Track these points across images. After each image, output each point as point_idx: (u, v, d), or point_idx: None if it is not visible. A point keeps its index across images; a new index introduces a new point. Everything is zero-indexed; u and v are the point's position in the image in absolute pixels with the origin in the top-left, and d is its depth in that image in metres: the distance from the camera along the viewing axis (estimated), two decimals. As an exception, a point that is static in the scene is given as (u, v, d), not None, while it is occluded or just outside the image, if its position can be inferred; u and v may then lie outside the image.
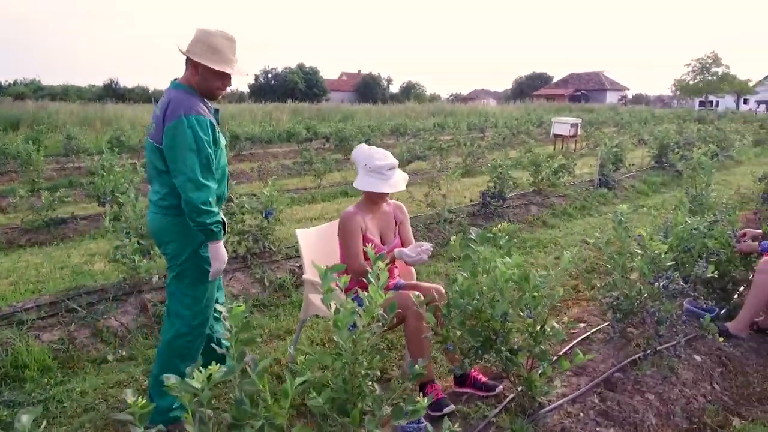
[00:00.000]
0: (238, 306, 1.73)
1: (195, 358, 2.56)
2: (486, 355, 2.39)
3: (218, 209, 2.54)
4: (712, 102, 48.19)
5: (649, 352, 3.04)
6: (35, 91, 48.81)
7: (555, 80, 64.00)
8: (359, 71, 74.72)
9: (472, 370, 2.85)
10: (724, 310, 3.83)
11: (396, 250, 2.88)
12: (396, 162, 2.94)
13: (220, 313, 1.70)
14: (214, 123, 2.56)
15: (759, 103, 51.34)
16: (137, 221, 4.13)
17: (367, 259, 2.87)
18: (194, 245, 2.58)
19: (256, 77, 61.62)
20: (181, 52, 2.53)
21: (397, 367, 3.29)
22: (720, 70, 44.40)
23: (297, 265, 4.81)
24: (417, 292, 2.67)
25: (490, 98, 72.99)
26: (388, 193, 2.96)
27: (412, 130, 17.29)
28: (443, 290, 2.92)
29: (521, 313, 2.34)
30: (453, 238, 2.75)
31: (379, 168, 2.86)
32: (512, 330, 2.34)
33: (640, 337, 3.41)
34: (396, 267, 3.19)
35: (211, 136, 2.50)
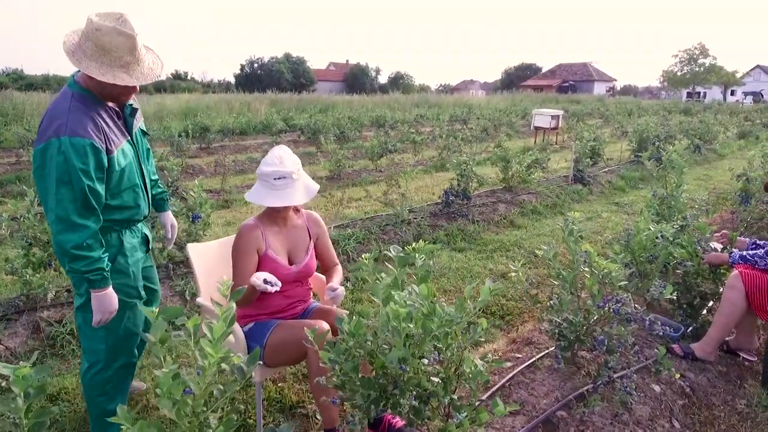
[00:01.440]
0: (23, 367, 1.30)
1: (124, 393, 2.38)
2: (384, 407, 1.96)
3: (99, 252, 2.05)
4: (699, 93, 48.03)
5: (599, 383, 2.63)
6: (15, 80, 47.75)
7: (543, 71, 63.61)
8: (347, 61, 73.99)
9: (386, 414, 2.41)
10: (690, 329, 3.43)
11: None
12: (290, 170, 2.37)
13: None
14: (101, 144, 2.02)
15: (746, 94, 51.25)
16: (34, 228, 3.64)
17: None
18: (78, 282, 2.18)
19: (242, 67, 60.83)
20: (66, 54, 1.99)
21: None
22: (707, 61, 44.25)
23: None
24: (316, 326, 2.24)
25: (479, 89, 72.65)
26: (281, 207, 2.45)
27: (389, 121, 16.77)
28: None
29: (424, 358, 1.90)
30: (364, 255, 2.32)
31: (265, 175, 2.37)
32: (413, 378, 1.90)
33: (593, 363, 3.00)
34: (310, 287, 2.75)
35: (93, 162, 1.98)
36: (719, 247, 3.45)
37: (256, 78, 56.95)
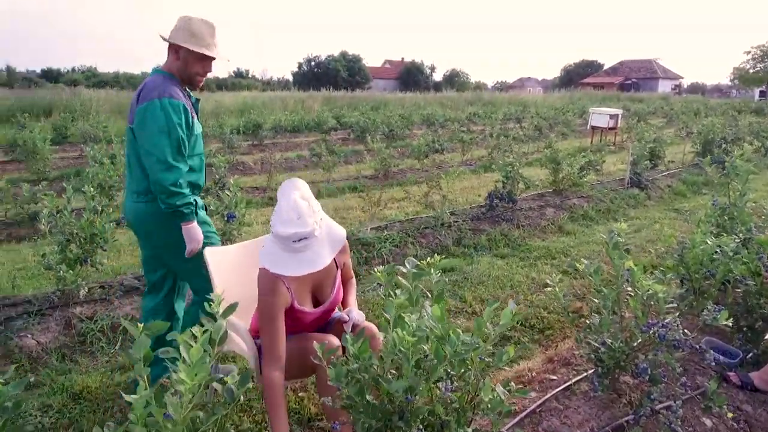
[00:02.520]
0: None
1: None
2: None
3: (189, 191, 2.52)
4: (774, 91, 44.99)
5: (641, 414, 2.38)
6: (89, 78, 50.36)
7: (605, 68, 61.36)
8: (402, 59, 73.91)
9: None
10: (750, 355, 3.09)
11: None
12: (311, 229, 2.01)
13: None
14: (189, 108, 2.54)
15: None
16: (71, 224, 3.68)
17: (299, 329, 2.29)
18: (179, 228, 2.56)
19: (300, 65, 61.90)
20: (163, 38, 2.56)
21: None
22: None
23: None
24: (325, 340, 2.11)
25: (537, 86, 71.01)
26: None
27: (439, 120, 16.51)
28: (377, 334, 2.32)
29: (438, 386, 1.74)
30: (378, 269, 2.17)
31: (284, 238, 2.00)
32: (422, 409, 1.73)
33: (635, 390, 2.74)
34: (338, 291, 2.49)
35: (184, 119, 2.49)
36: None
37: (313, 76, 57.75)
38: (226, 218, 4.37)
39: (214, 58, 2.61)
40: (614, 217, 6.73)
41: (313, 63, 62.08)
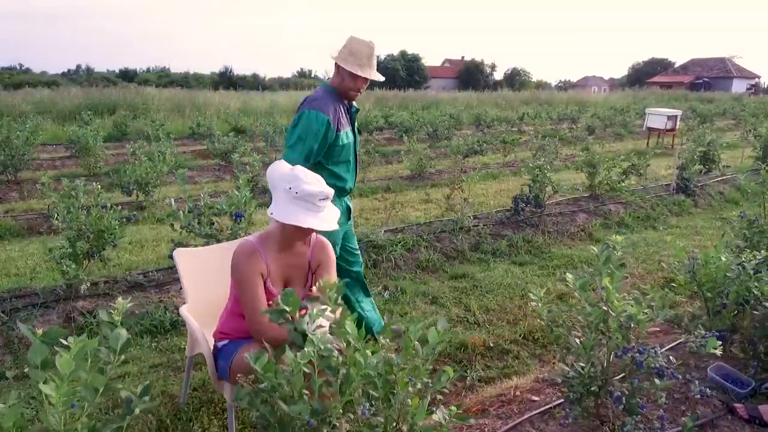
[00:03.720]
0: None
1: None
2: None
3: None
4: None
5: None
6: (161, 77, 52.81)
7: (674, 67, 58.39)
8: (462, 57, 73.12)
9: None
10: (765, 385, 2.79)
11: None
12: (331, 192, 2.16)
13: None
14: (334, 124, 2.83)
15: None
16: (78, 221, 3.80)
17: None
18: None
19: (359, 64, 62.33)
20: (331, 56, 2.90)
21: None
22: None
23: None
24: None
25: (604, 85, 68.48)
26: (313, 231, 2.24)
27: (486, 120, 16.14)
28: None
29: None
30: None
31: (310, 195, 2.08)
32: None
33: (621, 418, 2.52)
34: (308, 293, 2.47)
35: (324, 131, 2.80)
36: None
37: (371, 75, 57.99)
38: (233, 217, 4.39)
39: (367, 78, 2.90)
40: (653, 225, 6.33)
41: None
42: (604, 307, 2.18)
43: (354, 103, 3.05)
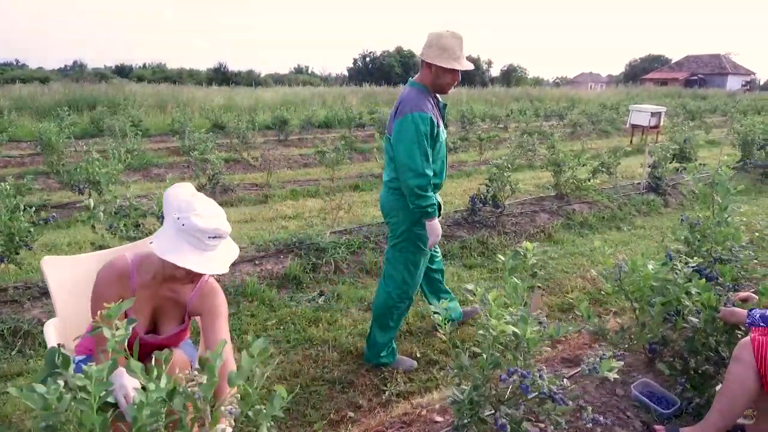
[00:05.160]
0: None
1: (402, 315, 3.23)
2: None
3: (432, 193, 2.88)
4: None
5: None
6: (155, 73, 52.45)
7: (670, 63, 58.13)
8: (416, 56, 72.85)
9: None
10: (692, 404, 2.58)
11: None
12: (227, 230, 1.85)
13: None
14: (435, 120, 2.86)
15: None
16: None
17: None
18: (412, 220, 2.99)
19: (355, 61, 62.15)
20: (419, 57, 2.91)
21: None
22: None
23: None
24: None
25: (601, 82, 68.20)
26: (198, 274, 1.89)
27: (468, 116, 15.90)
28: None
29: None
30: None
31: (198, 231, 1.76)
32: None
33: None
34: (177, 335, 2.13)
35: (430, 130, 2.82)
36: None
37: (367, 71, 57.74)
38: (160, 218, 4.17)
39: (462, 70, 2.89)
40: (618, 226, 6.13)
41: (367, 59, 62.14)
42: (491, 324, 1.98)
43: (440, 98, 3.05)
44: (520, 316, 1.94)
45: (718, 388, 2.60)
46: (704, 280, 2.68)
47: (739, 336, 2.50)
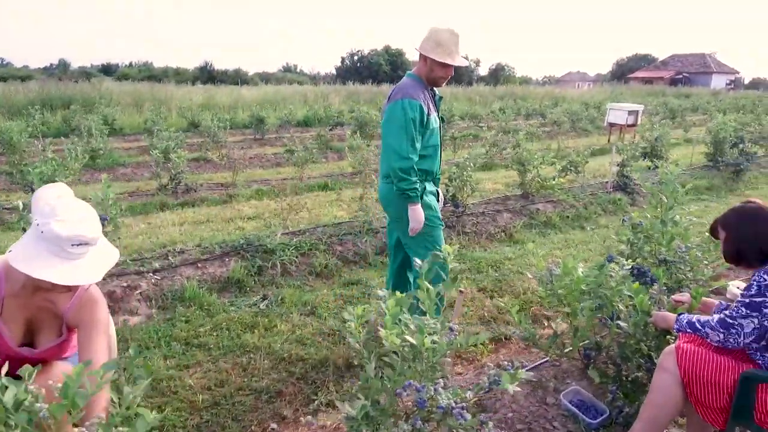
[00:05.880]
0: None
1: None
2: None
3: (416, 178, 2.92)
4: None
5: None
6: (141, 71, 51.91)
7: (656, 62, 58.42)
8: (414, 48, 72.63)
9: None
10: (623, 414, 2.47)
11: None
12: (95, 236, 1.69)
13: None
14: (426, 108, 2.93)
15: None
16: None
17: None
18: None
19: (343, 59, 61.82)
20: (415, 48, 2.99)
21: None
22: None
23: (124, 285, 3.93)
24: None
25: (588, 81, 68.42)
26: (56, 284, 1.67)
27: (445, 115, 15.78)
28: None
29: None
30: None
31: (57, 238, 1.61)
32: None
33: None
34: (55, 349, 1.95)
35: (419, 116, 2.88)
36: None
37: (355, 70, 57.45)
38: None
39: (455, 66, 2.96)
40: (581, 225, 6.03)
41: (355, 57, 61.88)
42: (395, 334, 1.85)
43: (436, 91, 3.14)
44: (420, 325, 1.81)
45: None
46: (638, 283, 2.58)
47: (670, 342, 2.39)
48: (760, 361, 2.02)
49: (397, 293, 1.98)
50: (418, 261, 2.13)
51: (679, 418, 2.57)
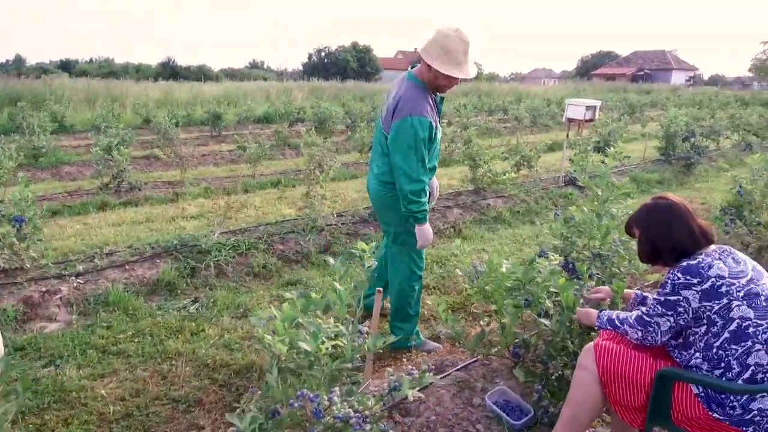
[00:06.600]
0: None
1: (418, 298, 3.20)
2: None
3: (426, 199, 2.86)
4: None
5: None
6: (102, 67, 50.45)
7: (619, 59, 59.61)
8: (415, 49, 72.84)
9: None
10: (549, 413, 2.39)
11: None
12: None
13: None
14: (434, 123, 2.79)
15: None
16: None
17: None
18: (406, 216, 2.90)
19: (310, 56, 61.23)
20: (419, 52, 2.77)
21: None
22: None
23: (43, 289, 3.69)
24: None
25: (553, 78, 69.37)
26: None
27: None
28: None
29: None
30: None
31: None
32: None
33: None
34: None
35: (428, 134, 2.75)
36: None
37: (323, 67, 56.95)
38: (13, 222, 3.76)
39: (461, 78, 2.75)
40: (531, 220, 6.00)
41: (323, 54, 61.37)
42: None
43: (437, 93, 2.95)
44: (313, 331, 1.68)
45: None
46: (571, 278, 2.51)
47: (593, 337, 2.32)
48: (678, 359, 1.95)
49: (311, 295, 1.86)
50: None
51: (607, 417, 2.51)
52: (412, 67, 2.91)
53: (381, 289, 2.45)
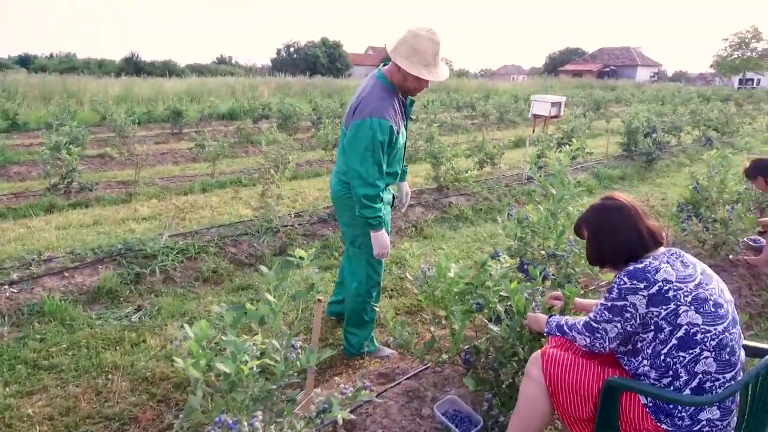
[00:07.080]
0: None
1: (373, 306, 3.02)
2: None
3: (380, 205, 2.71)
4: (752, 80, 44.33)
5: None
6: (63, 63, 48.86)
7: (585, 56, 60.53)
8: (385, 45, 72.54)
9: None
10: (498, 423, 2.30)
11: None
12: None
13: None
14: (396, 127, 2.66)
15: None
16: None
17: None
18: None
19: (278, 51, 60.48)
20: (387, 50, 2.64)
21: None
22: (760, 46, 40.70)
23: (-30, 300, 3.45)
24: None
25: (522, 74, 70.02)
26: None
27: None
28: None
29: None
30: None
31: None
32: None
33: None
34: None
35: (388, 139, 2.63)
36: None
37: (292, 62, 56.28)
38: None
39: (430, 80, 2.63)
40: (493, 218, 5.94)
41: (292, 49, 60.66)
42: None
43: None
44: (234, 350, 1.54)
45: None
46: (516, 282, 2.41)
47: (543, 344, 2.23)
48: (627, 367, 1.87)
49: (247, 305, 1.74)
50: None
51: (559, 422, 2.43)
52: (384, 65, 2.78)
53: (321, 299, 2.32)
